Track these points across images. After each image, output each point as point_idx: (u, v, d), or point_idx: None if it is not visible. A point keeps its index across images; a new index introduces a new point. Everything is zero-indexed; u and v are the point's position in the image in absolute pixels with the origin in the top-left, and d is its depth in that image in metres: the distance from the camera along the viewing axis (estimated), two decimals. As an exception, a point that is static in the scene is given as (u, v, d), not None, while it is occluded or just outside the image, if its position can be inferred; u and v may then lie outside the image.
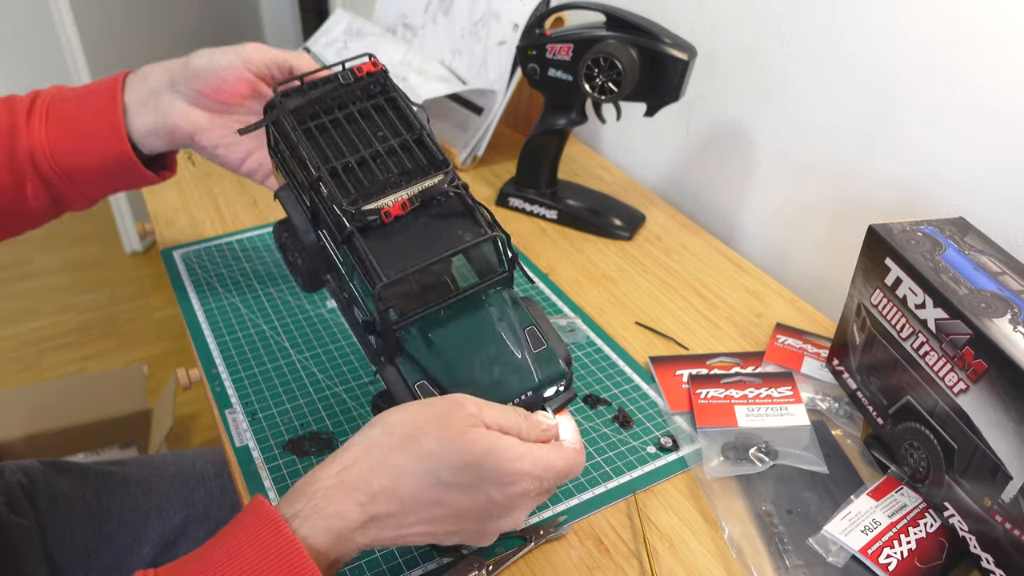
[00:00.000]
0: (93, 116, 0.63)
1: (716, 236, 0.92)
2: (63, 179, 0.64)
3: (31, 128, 0.62)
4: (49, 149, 0.62)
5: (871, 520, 0.56)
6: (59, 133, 0.63)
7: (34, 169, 0.63)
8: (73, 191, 0.65)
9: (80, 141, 0.63)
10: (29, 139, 0.62)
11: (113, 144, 0.63)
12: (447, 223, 0.51)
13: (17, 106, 0.63)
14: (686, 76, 0.76)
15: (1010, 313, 0.51)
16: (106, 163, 0.64)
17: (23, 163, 0.62)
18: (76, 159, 0.63)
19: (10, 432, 1.43)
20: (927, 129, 0.71)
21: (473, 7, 1.00)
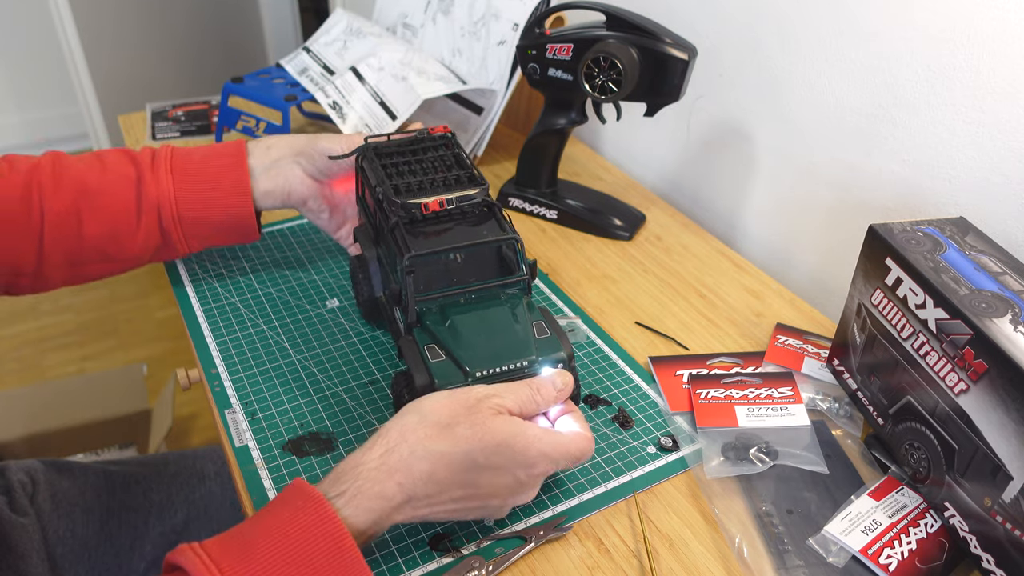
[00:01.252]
0: (219, 173, 0.70)
1: (716, 236, 0.92)
2: (180, 229, 0.70)
3: (158, 178, 0.68)
4: (175, 200, 0.68)
5: (871, 520, 0.55)
6: (186, 186, 0.69)
7: (157, 218, 0.68)
8: (183, 241, 0.71)
9: (207, 194, 0.69)
10: (157, 189, 0.68)
11: (237, 200, 0.70)
12: (476, 228, 0.61)
13: (140, 159, 0.69)
14: (686, 76, 0.76)
15: (1011, 313, 0.51)
16: (227, 217, 0.71)
17: (148, 212, 0.68)
18: (199, 211, 0.69)
19: (10, 432, 1.43)
20: (927, 129, 0.71)
21: (473, 7, 1.00)
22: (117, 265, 0.70)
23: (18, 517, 0.72)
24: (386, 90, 0.96)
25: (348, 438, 0.62)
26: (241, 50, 2.71)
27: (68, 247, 0.67)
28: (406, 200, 0.60)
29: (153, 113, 1.15)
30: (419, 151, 0.67)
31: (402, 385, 0.57)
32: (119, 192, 0.67)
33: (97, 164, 0.68)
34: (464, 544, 0.54)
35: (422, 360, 0.55)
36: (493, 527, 0.55)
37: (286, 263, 0.82)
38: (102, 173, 0.67)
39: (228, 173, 0.70)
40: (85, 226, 0.66)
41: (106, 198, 0.67)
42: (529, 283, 0.60)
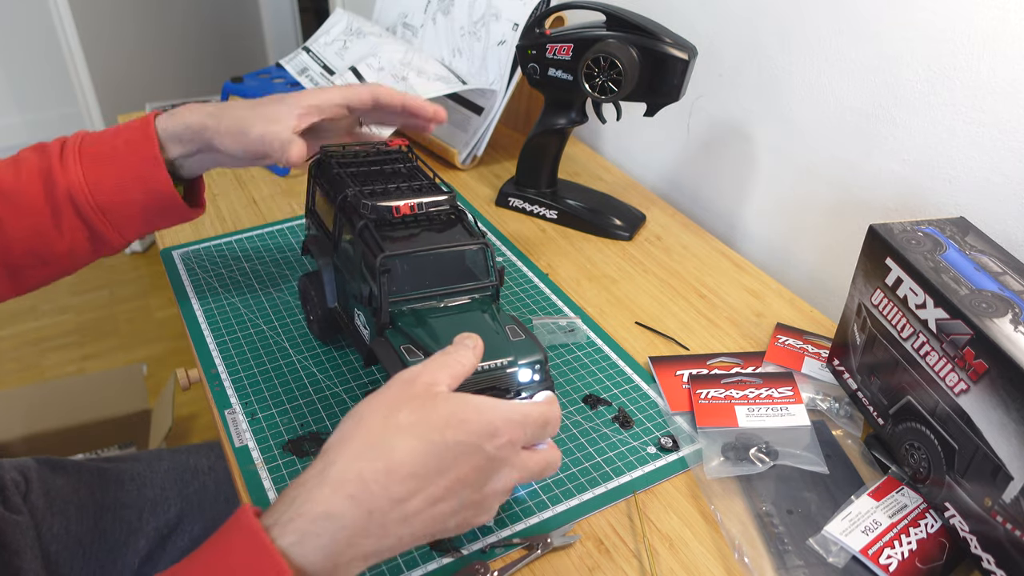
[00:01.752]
0: (127, 149, 0.64)
1: (716, 236, 0.92)
2: (102, 216, 0.65)
3: (66, 168, 0.63)
4: (87, 186, 0.63)
5: (872, 520, 0.55)
6: (95, 169, 0.64)
7: (74, 209, 0.64)
8: (111, 228, 0.66)
9: (117, 175, 0.64)
10: (66, 179, 0.63)
11: (150, 171, 0.64)
12: (446, 234, 0.61)
13: (48, 149, 0.65)
14: (686, 76, 0.76)
15: (1011, 313, 0.51)
16: (145, 194, 0.65)
17: (62, 204, 0.63)
18: (114, 194, 0.64)
19: (10, 432, 1.43)
20: (927, 129, 0.71)
21: (473, 6, 1.00)
22: (54, 268, 0.67)
23: (12, 515, 0.72)
24: (386, 90, 0.96)
25: (348, 438, 0.62)
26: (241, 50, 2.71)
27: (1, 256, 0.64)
28: (376, 203, 0.60)
29: (153, 113, 1.15)
30: (378, 162, 0.67)
31: None
32: (31, 188, 0.63)
33: (12, 164, 0.64)
34: (464, 544, 0.53)
35: (400, 360, 0.53)
36: (493, 528, 0.55)
37: (286, 263, 0.82)
38: (16, 172, 0.63)
39: (136, 146, 0.64)
40: (8, 230, 0.63)
41: (21, 197, 0.63)
42: (498, 289, 0.61)
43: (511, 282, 0.81)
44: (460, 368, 0.47)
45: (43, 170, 0.64)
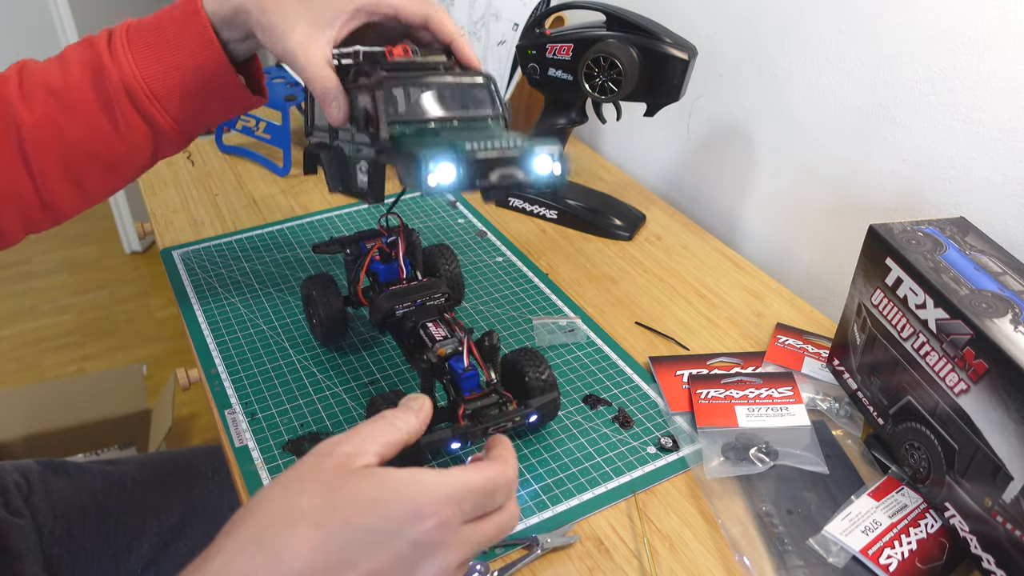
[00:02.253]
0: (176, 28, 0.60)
1: (716, 236, 0.92)
2: (158, 105, 0.60)
3: (116, 57, 0.59)
4: (139, 73, 0.59)
5: (872, 520, 0.55)
6: (146, 54, 0.59)
7: (129, 100, 0.59)
8: (169, 118, 0.61)
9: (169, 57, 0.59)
10: (118, 69, 0.59)
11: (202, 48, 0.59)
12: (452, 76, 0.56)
13: (95, 41, 0.60)
14: (686, 76, 0.76)
15: (1011, 313, 0.51)
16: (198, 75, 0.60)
17: (115, 97, 0.59)
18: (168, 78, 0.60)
19: (9, 432, 1.43)
20: (927, 129, 0.71)
21: (473, 7, 1.00)
22: (119, 172, 0.63)
23: (13, 518, 0.72)
24: (386, 90, 0.96)
25: (348, 438, 0.62)
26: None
27: (57, 158, 0.60)
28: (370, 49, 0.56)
29: (153, 113, 1.15)
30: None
31: (382, 408, 0.51)
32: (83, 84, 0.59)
33: (57, 61, 0.60)
34: (464, 544, 0.53)
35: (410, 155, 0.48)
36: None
37: (286, 263, 0.82)
38: (63, 70, 0.59)
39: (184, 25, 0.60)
40: (66, 132, 0.59)
41: (74, 94, 0.59)
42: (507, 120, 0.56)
43: (511, 282, 0.81)
44: (396, 434, 0.41)
45: (92, 63, 0.59)
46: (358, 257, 0.68)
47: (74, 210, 0.63)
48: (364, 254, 0.68)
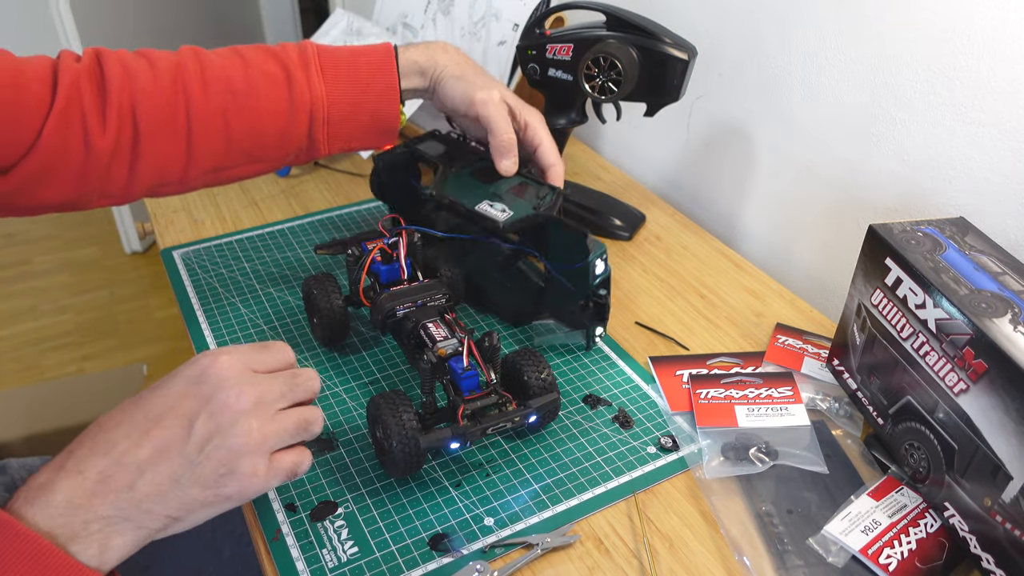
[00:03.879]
0: (369, 72, 0.67)
1: (716, 236, 0.92)
2: (325, 128, 0.67)
3: (310, 80, 0.65)
4: (327, 100, 0.65)
5: (871, 520, 0.55)
6: (336, 85, 0.66)
7: (309, 118, 0.66)
8: (326, 140, 0.68)
9: (357, 97, 0.67)
10: (310, 92, 0.65)
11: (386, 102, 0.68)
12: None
13: (285, 58, 0.66)
14: (686, 76, 0.76)
15: (1010, 313, 0.51)
16: (372, 120, 0.68)
17: (301, 112, 0.65)
18: (348, 113, 0.67)
19: (10, 432, 1.43)
20: (927, 129, 0.71)
21: (473, 7, 1.00)
22: (262, 166, 0.68)
23: None
24: (386, 90, 0.96)
25: (348, 438, 0.62)
26: (241, 50, 2.71)
27: (216, 151, 0.64)
28: None
29: (153, 113, 1.15)
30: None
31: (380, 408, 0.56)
32: (268, 92, 0.64)
33: (239, 61, 0.65)
34: (464, 544, 0.54)
35: None
36: (493, 528, 0.55)
37: (286, 263, 0.82)
38: (245, 71, 0.64)
39: (378, 74, 0.67)
40: (233, 128, 0.64)
41: (254, 99, 0.64)
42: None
43: (511, 282, 0.81)
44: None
45: (286, 77, 0.65)
46: (360, 258, 0.68)
47: (201, 187, 0.68)
48: (366, 255, 0.68)
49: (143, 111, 0.60)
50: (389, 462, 0.56)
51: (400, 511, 0.56)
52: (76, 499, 0.41)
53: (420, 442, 0.54)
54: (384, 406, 0.55)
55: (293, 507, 0.56)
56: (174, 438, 0.43)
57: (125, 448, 0.43)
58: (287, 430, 0.46)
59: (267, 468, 0.45)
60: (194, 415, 0.44)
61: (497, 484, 0.58)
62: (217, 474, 0.43)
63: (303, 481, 0.58)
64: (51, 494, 0.41)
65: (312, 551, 0.53)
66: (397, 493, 0.57)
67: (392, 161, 0.78)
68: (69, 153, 0.58)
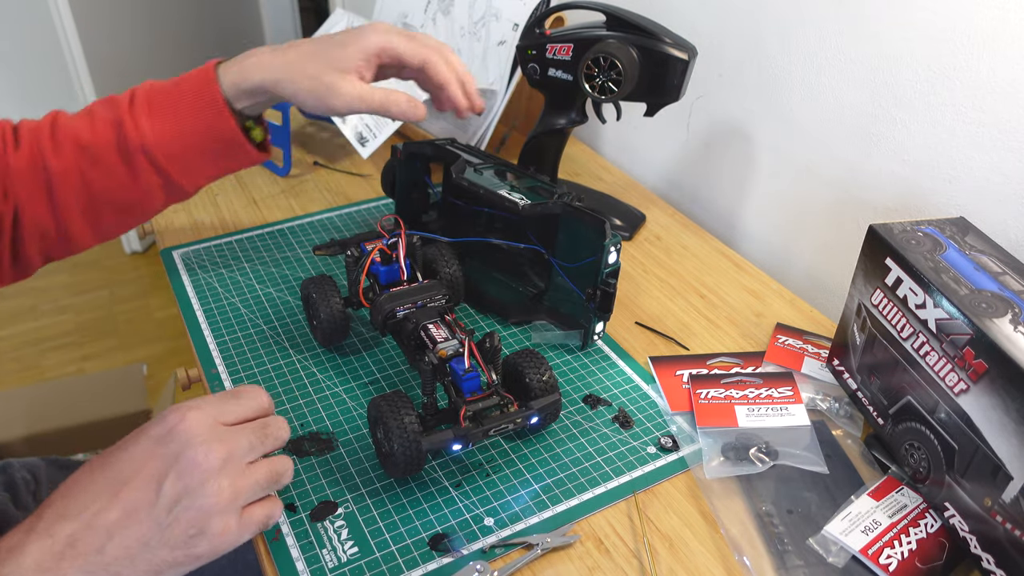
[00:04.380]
0: (191, 98, 0.65)
1: (716, 236, 0.92)
2: (172, 164, 0.65)
3: (136, 119, 0.64)
4: (155, 137, 0.64)
5: (871, 520, 0.55)
6: (163, 120, 0.65)
7: (146, 159, 0.65)
8: (183, 175, 0.67)
9: (182, 124, 0.65)
10: (137, 132, 0.64)
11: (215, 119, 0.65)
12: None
13: (118, 102, 0.66)
14: (686, 76, 0.76)
15: (1011, 313, 0.51)
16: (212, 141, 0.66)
17: (135, 154, 0.64)
18: (181, 141, 0.65)
19: (10, 432, 1.43)
20: (927, 129, 0.71)
21: (473, 7, 1.00)
22: (133, 214, 0.68)
23: (23, 513, 0.72)
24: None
25: (348, 438, 0.62)
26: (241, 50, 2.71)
27: (79, 201, 0.65)
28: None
29: (153, 113, 1.15)
30: None
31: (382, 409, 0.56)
32: (105, 140, 0.64)
33: (87, 117, 0.66)
34: (464, 544, 0.54)
35: None
36: (493, 528, 0.55)
37: (286, 263, 0.82)
38: (91, 125, 0.65)
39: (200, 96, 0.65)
40: (88, 180, 0.64)
41: (100, 149, 0.64)
42: None
43: (511, 282, 0.81)
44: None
45: (115, 122, 0.64)
46: (359, 259, 0.68)
47: (89, 244, 0.69)
48: (365, 256, 0.68)
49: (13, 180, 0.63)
50: (390, 463, 0.56)
51: (400, 511, 0.56)
52: (45, 562, 0.41)
53: (422, 444, 0.54)
54: (385, 407, 0.55)
55: (293, 507, 0.56)
56: (143, 500, 0.42)
57: (94, 511, 0.42)
58: (259, 484, 0.45)
59: (238, 524, 0.44)
60: (162, 476, 0.43)
61: (497, 484, 0.58)
62: (187, 535, 0.43)
63: (303, 481, 0.58)
64: (21, 556, 0.41)
65: (312, 551, 0.53)
66: (397, 493, 0.57)
67: (414, 151, 0.78)
68: None
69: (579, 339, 0.71)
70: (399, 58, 0.65)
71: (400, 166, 0.79)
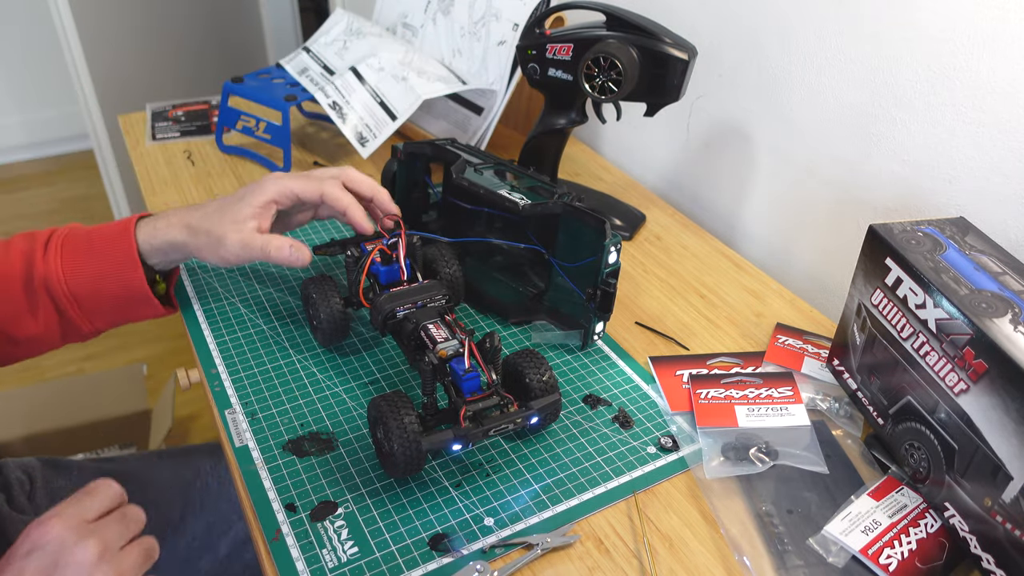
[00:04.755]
0: (105, 245, 0.67)
1: (716, 236, 0.92)
2: (74, 305, 0.67)
3: (48, 257, 0.66)
4: (63, 275, 0.66)
5: (871, 520, 0.55)
6: (74, 261, 0.67)
7: (48, 295, 0.66)
8: (82, 317, 0.68)
9: (95, 268, 0.67)
10: (45, 267, 0.66)
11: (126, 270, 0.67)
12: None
13: (36, 237, 0.68)
14: (686, 76, 0.76)
15: (1011, 313, 0.51)
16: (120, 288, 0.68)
17: (39, 289, 0.66)
18: (90, 285, 0.67)
19: (10, 432, 1.43)
20: (927, 129, 0.71)
21: (473, 7, 1.00)
22: (22, 349, 0.70)
23: (18, 514, 0.72)
24: (386, 90, 0.96)
25: (348, 438, 0.62)
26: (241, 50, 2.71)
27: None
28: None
29: (153, 113, 1.15)
30: None
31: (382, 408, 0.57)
32: (12, 272, 0.66)
33: (3, 246, 0.68)
34: (464, 544, 0.54)
35: None
36: (493, 528, 0.55)
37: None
38: (5, 254, 0.67)
39: (115, 244, 0.67)
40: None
41: (5, 278, 0.66)
42: None
43: (511, 282, 0.81)
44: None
45: (26, 255, 0.66)
46: (359, 259, 0.69)
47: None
48: (365, 256, 0.68)
49: None
50: (390, 463, 0.56)
51: (400, 511, 0.56)
52: None
53: (422, 444, 0.54)
54: (385, 407, 0.55)
55: (293, 507, 0.56)
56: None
57: None
58: (137, 564, 0.48)
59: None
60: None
61: (497, 484, 0.58)
62: None
63: (303, 481, 0.58)
64: None
65: (312, 551, 0.53)
66: (397, 493, 0.57)
67: (414, 151, 0.79)
68: None
69: (579, 339, 0.71)
70: (297, 198, 0.69)
71: (400, 166, 0.79)
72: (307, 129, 1.11)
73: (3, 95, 2.71)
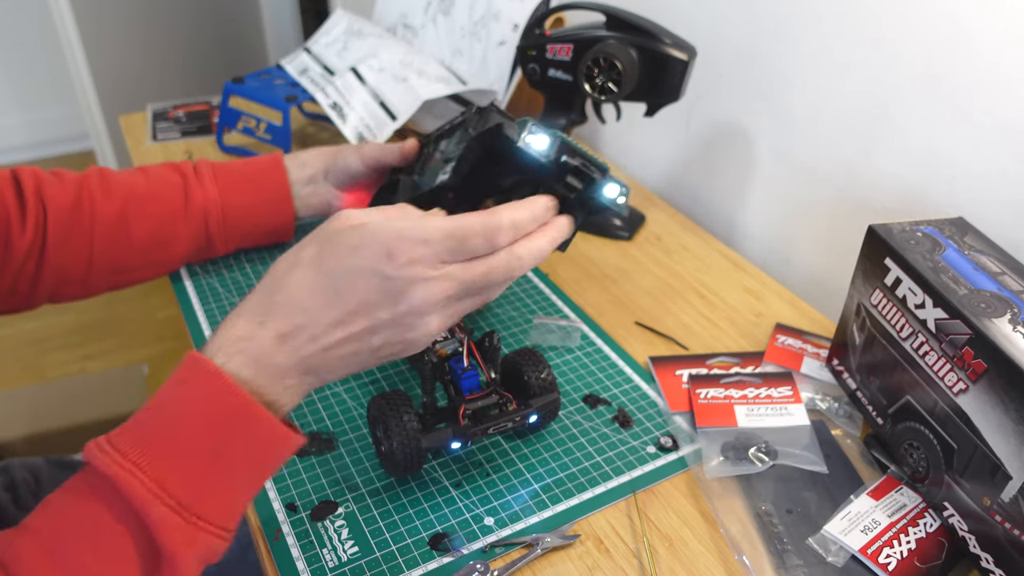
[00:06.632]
0: (261, 180, 0.75)
1: (716, 236, 0.92)
2: (223, 231, 0.74)
3: (204, 186, 0.72)
4: (221, 204, 0.73)
5: (871, 520, 0.56)
6: (231, 192, 0.73)
7: (203, 220, 0.72)
8: (223, 243, 0.75)
9: (250, 199, 0.74)
10: (203, 195, 0.72)
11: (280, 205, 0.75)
12: None
13: (183, 169, 0.73)
14: (686, 76, 0.76)
15: (1010, 313, 0.51)
16: (268, 221, 0.76)
17: (196, 214, 0.72)
18: (243, 214, 0.74)
19: (11, 432, 1.43)
20: (927, 129, 0.71)
21: (473, 7, 1.00)
22: (160, 269, 0.73)
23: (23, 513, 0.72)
24: (386, 91, 0.96)
25: (348, 438, 0.62)
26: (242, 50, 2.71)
27: (117, 253, 0.69)
28: None
29: (154, 113, 1.15)
30: None
31: (382, 408, 0.56)
32: (167, 196, 0.70)
33: (142, 174, 0.71)
34: (464, 544, 0.54)
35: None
36: (493, 528, 0.55)
37: (286, 263, 0.82)
38: (147, 180, 0.71)
39: (269, 180, 0.74)
40: (134, 230, 0.69)
41: (154, 202, 0.70)
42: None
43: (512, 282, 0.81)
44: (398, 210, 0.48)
45: (183, 184, 0.71)
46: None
47: (103, 292, 0.72)
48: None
49: (52, 215, 0.66)
50: (390, 462, 0.56)
51: (400, 511, 0.56)
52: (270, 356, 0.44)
53: (421, 442, 0.54)
54: (385, 406, 0.55)
55: (293, 507, 0.56)
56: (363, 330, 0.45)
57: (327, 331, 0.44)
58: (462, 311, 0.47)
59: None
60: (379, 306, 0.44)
61: (497, 484, 0.58)
62: (388, 354, 0.47)
63: (303, 481, 0.58)
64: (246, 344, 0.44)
65: (312, 551, 0.53)
66: (397, 493, 0.57)
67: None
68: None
69: (579, 339, 0.71)
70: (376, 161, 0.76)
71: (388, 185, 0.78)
72: (307, 129, 1.11)
73: (4, 95, 2.71)
